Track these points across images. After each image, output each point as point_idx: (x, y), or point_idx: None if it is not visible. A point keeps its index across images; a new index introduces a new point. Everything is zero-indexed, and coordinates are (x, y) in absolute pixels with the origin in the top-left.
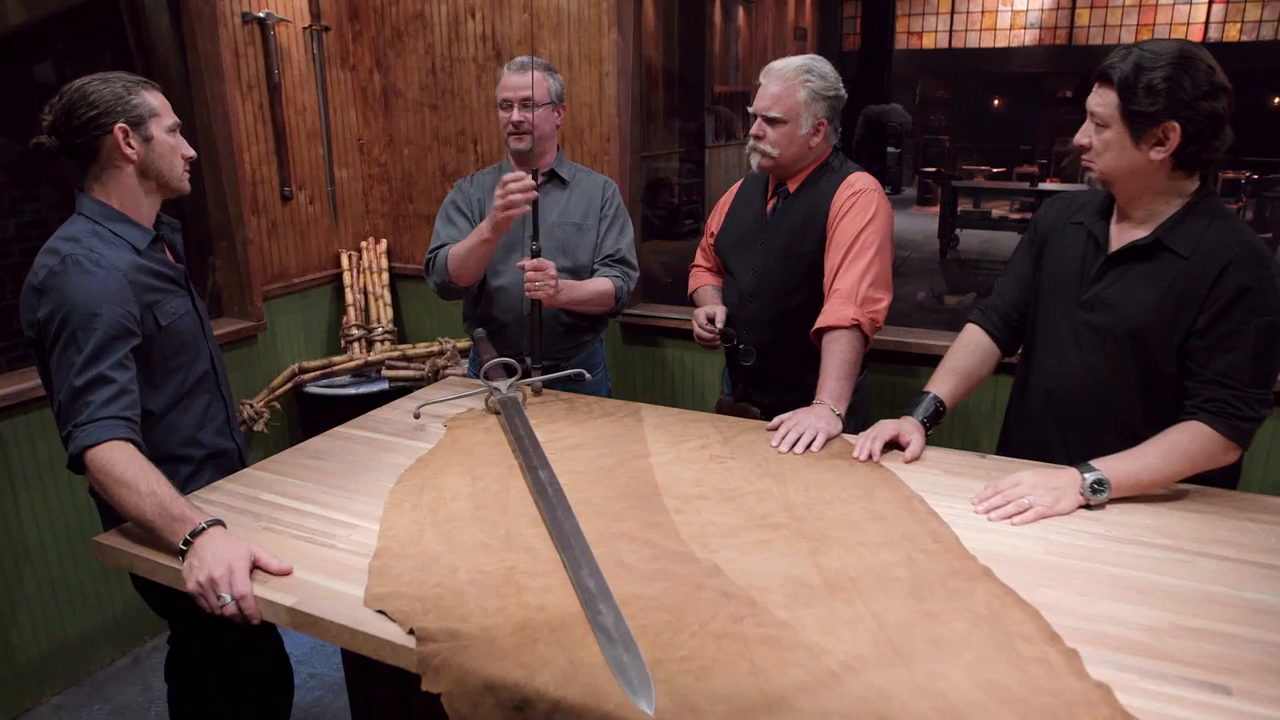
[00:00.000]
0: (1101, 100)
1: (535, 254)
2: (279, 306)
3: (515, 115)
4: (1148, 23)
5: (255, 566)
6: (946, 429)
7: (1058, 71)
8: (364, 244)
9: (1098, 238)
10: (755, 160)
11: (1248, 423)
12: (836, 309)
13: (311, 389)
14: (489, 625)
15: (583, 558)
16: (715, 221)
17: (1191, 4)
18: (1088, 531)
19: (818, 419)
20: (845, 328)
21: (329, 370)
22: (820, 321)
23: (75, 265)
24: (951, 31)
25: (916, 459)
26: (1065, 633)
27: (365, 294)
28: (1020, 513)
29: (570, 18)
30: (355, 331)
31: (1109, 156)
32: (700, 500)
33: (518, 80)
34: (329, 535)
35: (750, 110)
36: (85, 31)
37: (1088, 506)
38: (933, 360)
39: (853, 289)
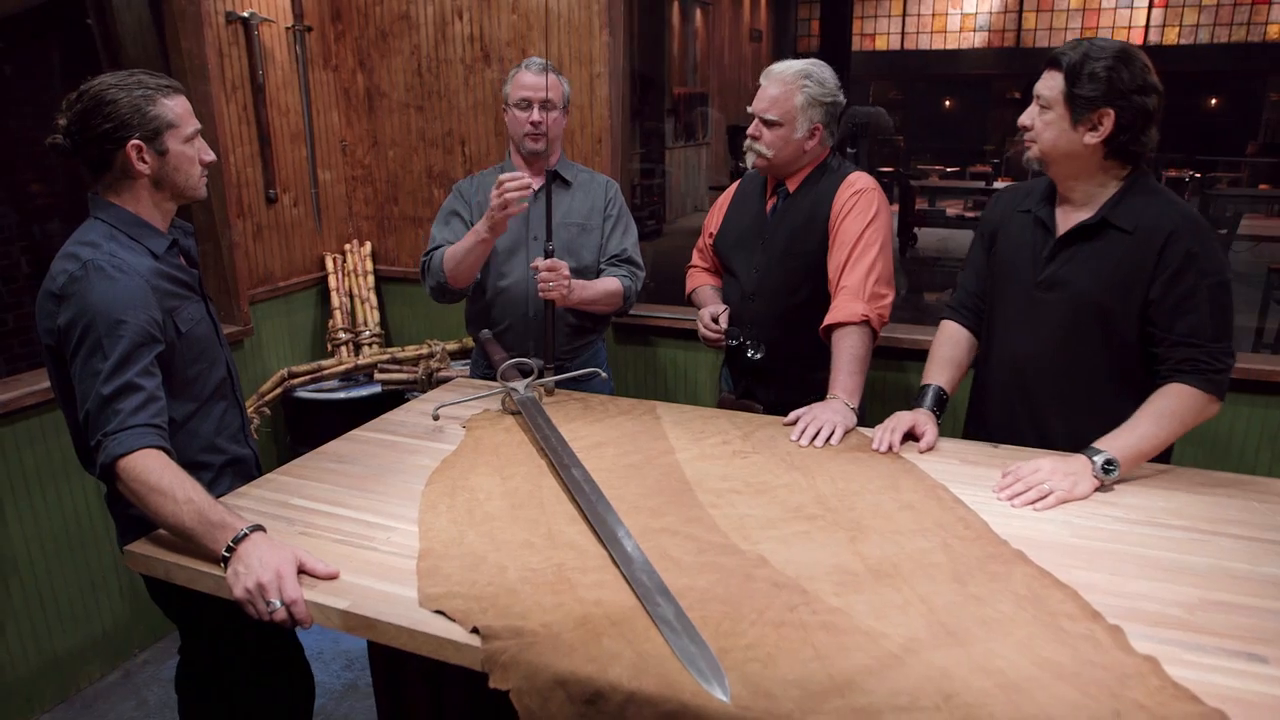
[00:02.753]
0: (1049, 84)
1: (549, 254)
2: (264, 311)
3: (535, 115)
4: (1091, 26)
5: (300, 571)
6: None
7: (1006, 73)
8: (348, 247)
9: (1045, 222)
10: (750, 159)
11: (1219, 374)
12: (845, 305)
13: (300, 394)
14: (550, 621)
15: (633, 553)
16: (714, 221)
17: (1133, 8)
18: (1107, 515)
19: (834, 413)
20: (855, 324)
21: (318, 375)
22: (829, 318)
23: (97, 271)
24: (903, 34)
25: (932, 448)
26: (1103, 610)
27: (351, 297)
28: (1042, 498)
29: (560, 19)
30: (342, 335)
31: (1048, 136)
32: (733, 494)
33: (538, 80)
34: (368, 538)
35: (749, 110)
36: (47, 29)
37: (1101, 487)
38: (922, 355)
39: (859, 286)
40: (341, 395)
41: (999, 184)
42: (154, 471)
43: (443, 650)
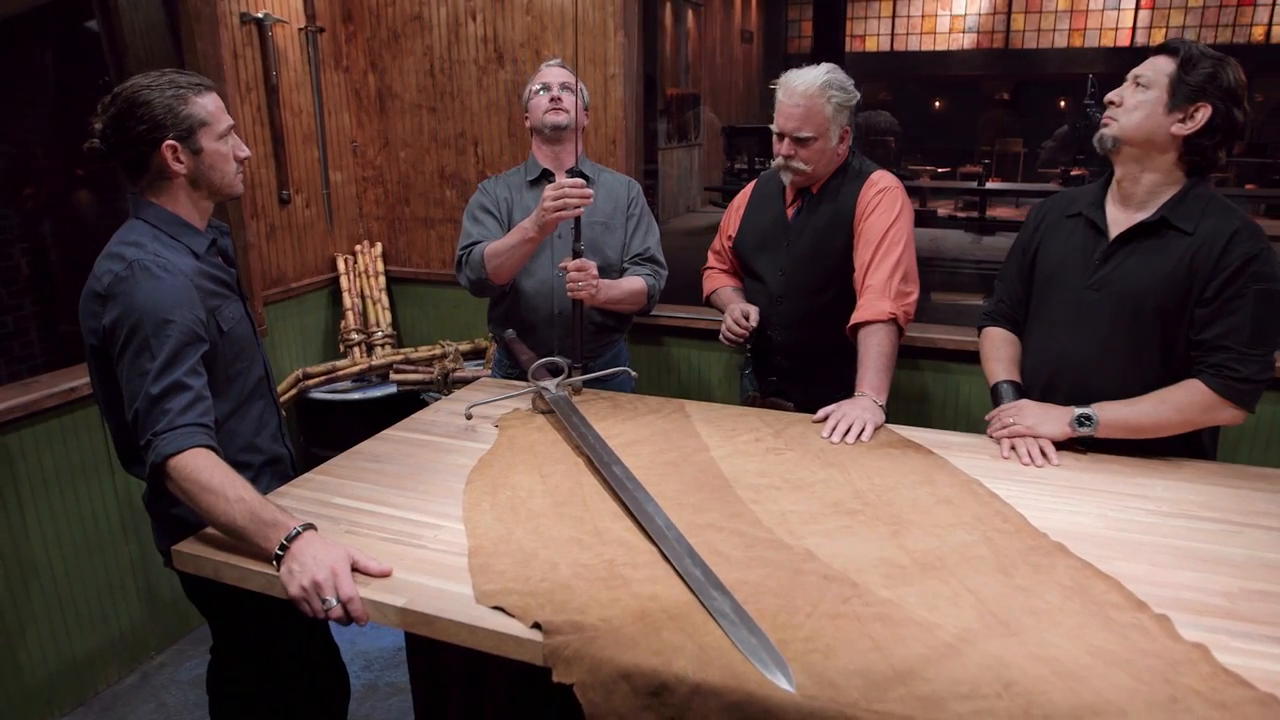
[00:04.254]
0: (1155, 65)
1: (577, 254)
2: (277, 312)
3: (555, 91)
4: (1079, 27)
5: (353, 569)
6: (950, 417)
7: (995, 74)
8: (358, 248)
9: (1098, 224)
10: (788, 178)
11: (1244, 383)
12: (872, 304)
13: (315, 395)
14: (609, 616)
15: (682, 548)
16: (731, 224)
17: (1120, 9)
18: (1140, 508)
19: (863, 410)
20: (882, 321)
21: (333, 375)
22: (856, 316)
23: (143, 271)
24: (893, 34)
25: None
26: (1146, 600)
27: (362, 298)
28: (1003, 428)
29: (575, 21)
30: (355, 336)
31: (1137, 115)
32: (772, 490)
33: (557, 70)
34: (416, 536)
35: (775, 130)
36: (42, 32)
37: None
38: (936, 353)
39: (885, 284)
40: (357, 396)
41: (991, 184)
42: (204, 470)
43: (503, 646)
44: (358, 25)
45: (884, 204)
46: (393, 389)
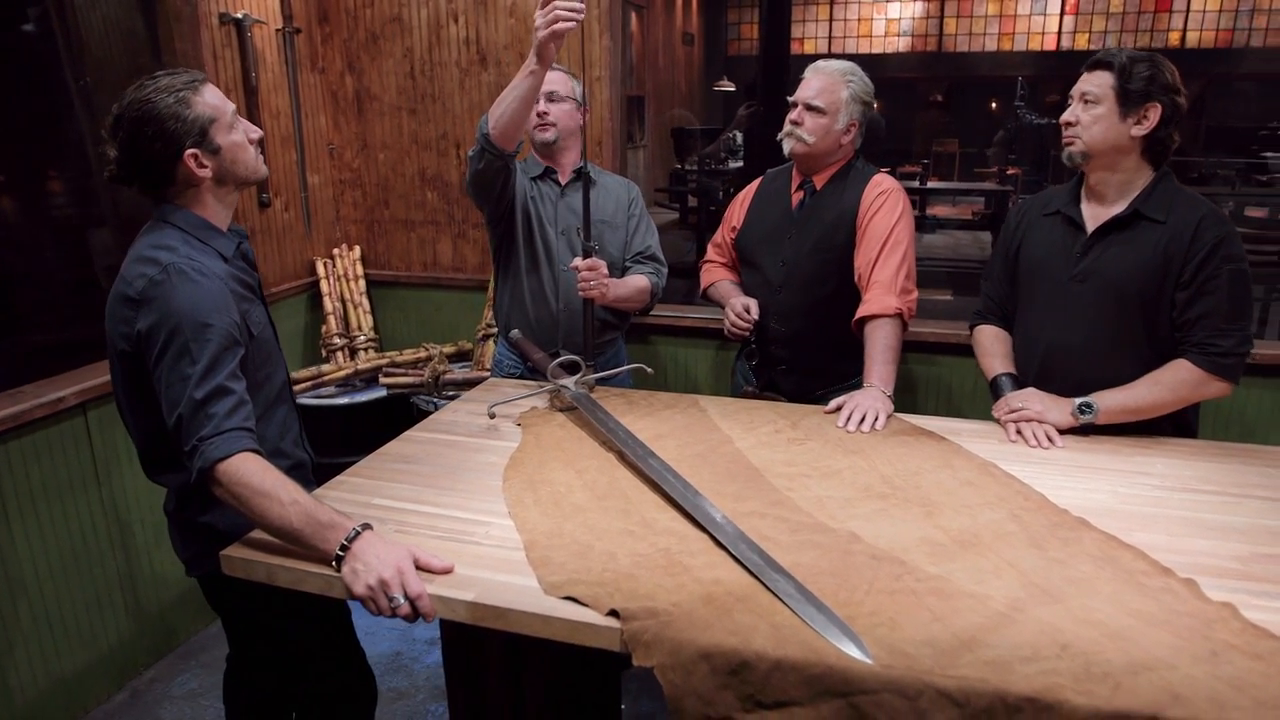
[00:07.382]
0: (1097, 81)
1: (588, 253)
2: None
3: (541, 106)
4: (1008, 31)
5: (416, 566)
6: (934, 406)
7: (929, 76)
8: (336, 251)
9: (1075, 220)
10: (788, 145)
11: (1227, 357)
12: (879, 299)
13: (302, 400)
14: (679, 601)
15: (736, 534)
16: (736, 215)
17: (1046, 14)
18: (1146, 484)
19: (874, 401)
20: (888, 316)
21: (319, 381)
22: (863, 311)
23: (180, 275)
24: (830, 37)
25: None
26: (1170, 566)
27: (343, 302)
28: (1011, 411)
29: None
30: (337, 340)
31: (1096, 129)
32: (803, 478)
33: (549, 74)
34: (467, 533)
35: (791, 99)
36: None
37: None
38: (921, 346)
39: (891, 281)
40: (344, 401)
41: (931, 183)
42: (255, 474)
43: (578, 634)
44: (334, 27)
45: (888, 205)
46: (380, 393)
